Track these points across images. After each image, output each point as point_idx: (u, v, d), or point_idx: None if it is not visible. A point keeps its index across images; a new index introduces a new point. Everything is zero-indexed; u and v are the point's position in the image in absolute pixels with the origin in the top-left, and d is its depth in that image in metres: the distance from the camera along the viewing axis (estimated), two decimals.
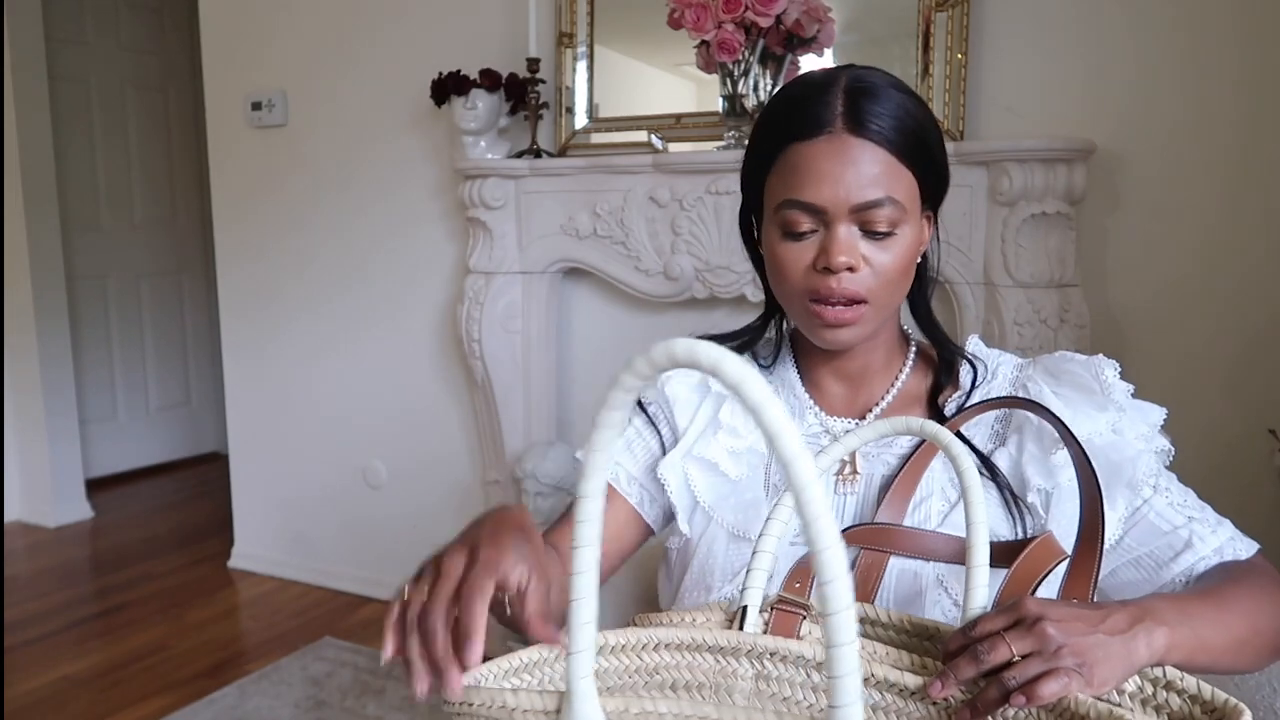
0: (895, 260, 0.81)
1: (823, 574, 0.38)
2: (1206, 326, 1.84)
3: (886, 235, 0.80)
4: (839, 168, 0.78)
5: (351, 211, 2.72)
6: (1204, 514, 0.83)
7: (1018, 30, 1.92)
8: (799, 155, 0.79)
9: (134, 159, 4.10)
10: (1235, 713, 0.57)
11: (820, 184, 0.78)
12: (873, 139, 0.78)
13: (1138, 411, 0.84)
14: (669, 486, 0.90)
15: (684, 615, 0.74)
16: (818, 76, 0.83)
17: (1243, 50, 1.77)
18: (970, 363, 0.90)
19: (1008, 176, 1.78)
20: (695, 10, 1.80)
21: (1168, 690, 0.61)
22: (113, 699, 2.26)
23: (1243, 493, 1.79)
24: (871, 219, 0.79)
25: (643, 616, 0.74)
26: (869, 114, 0.78)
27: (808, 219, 0.80)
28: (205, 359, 4.35)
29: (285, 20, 2.75)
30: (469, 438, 2.62)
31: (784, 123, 0.81)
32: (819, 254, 0.80)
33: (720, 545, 0.88)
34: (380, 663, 0.58)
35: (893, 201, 0.79)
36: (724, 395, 0.91)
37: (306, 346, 2.88)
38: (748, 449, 0.90)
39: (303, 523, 2.95)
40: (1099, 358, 0.85)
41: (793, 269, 0.81)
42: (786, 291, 0.84)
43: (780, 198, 0.81)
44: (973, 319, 1.88)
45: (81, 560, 3.26)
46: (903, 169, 0.80)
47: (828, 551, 0.38)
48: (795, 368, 0.94)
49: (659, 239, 2.16)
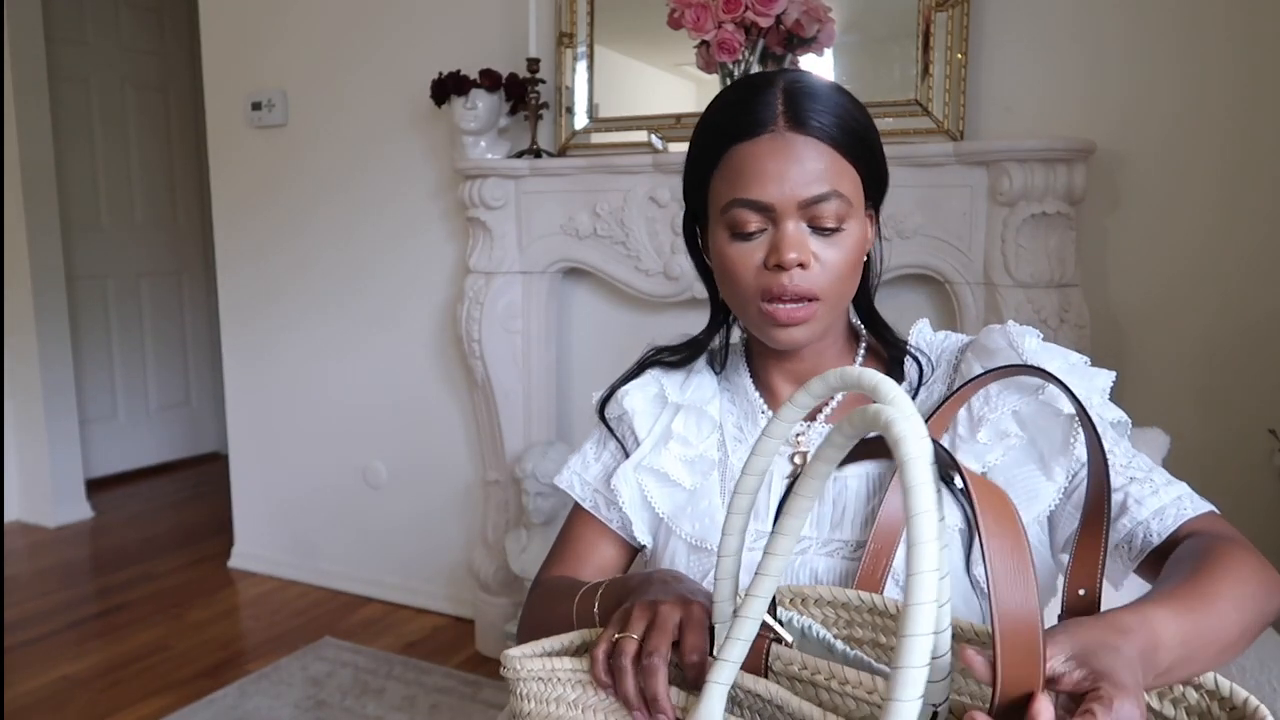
0: (844, 256, 0.81)
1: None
2: (1206, 326, 1.84)
3: (835, 231, 0.80)
4: (784, 164, 0.78)
5: (351, 212, 2.72)
6: (1150, 475, 0.79)
7: (1018, 30, 1.92)
8: (743, 155, 0.79)
9: (134, 159, 4.10)
10: (1254, 712, 0.56)
11: (766, 182, 0.78)
12: (815, 135, 0.78)
13: (1080, 378, 0.81)
14: (621, 498, 0.91)
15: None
16: (755, 79, 0.83)
17: (1242, 50, 1.77)
18: (915, 359, 0.89)
19: (1008, 176, 1.78)
20: (695, 10, 1.80)
21: (1185, 685, 0.61)
22: (112, 699, 2.26)
23: (1243, 493, 1.79)
24: (819, 214, 0.79)
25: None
26: (809, 111, 0.79)
27: (756, 218, 0.80)
28: (205, 359, 4.35)
29: (285, 20, 2.75)
30: (469, 438, 2.62)
31: (725, 125, 0.81)
32: (769, 252, 0.80)
33: (681, 557, 0.89)
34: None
35: (839, 196, 0.79)
36: (679, 406, 0.93)
37: (306, 346, 2.88)
38: (699, 456, 0.91)
39: (303, 523, 2.95)
40: (1010, 326, 0.84)
41: (743, 269, 0.81)
42: (738, 293, 0.84)
43: (726, 199, 0.81)
44: (973, 319, 1.88)
45: (81, 560, 3.26)
46: (846, 164, 0.80)
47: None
48: (748, 371, 0.94)
49: (659, 239, 2.17)
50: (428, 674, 2.34)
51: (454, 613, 2.69)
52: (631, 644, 0.63)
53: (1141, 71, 1.84)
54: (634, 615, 0.65)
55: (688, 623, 0.63)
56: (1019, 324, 0.86)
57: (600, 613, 0.75)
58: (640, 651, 0.62)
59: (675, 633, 0.63)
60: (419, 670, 2.36)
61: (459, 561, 2.67)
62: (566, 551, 0.96)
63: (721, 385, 0.95)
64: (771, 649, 0.62)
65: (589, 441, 1.00)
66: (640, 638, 0.63)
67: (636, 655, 0.62)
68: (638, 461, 0.92)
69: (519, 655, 0.67)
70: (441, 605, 2.72)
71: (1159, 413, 1.76)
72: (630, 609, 0.66)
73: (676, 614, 0.64)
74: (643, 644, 0.62)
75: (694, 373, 0.96)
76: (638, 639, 0.63)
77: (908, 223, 1.89)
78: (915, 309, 2.00)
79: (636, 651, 0.62)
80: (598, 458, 0.98)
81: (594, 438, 0.99)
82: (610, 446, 0.97)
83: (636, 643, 0.63)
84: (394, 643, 2.54)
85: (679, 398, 0.93)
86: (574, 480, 0.97)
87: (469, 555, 2.60)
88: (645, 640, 0.63)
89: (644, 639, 0.63)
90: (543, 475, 2.25)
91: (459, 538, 2.67)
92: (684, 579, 0.71)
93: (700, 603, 0.65)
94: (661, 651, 0.61)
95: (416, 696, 2.23)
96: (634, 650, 0.62)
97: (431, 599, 2.74)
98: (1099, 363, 0.85)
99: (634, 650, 0.62)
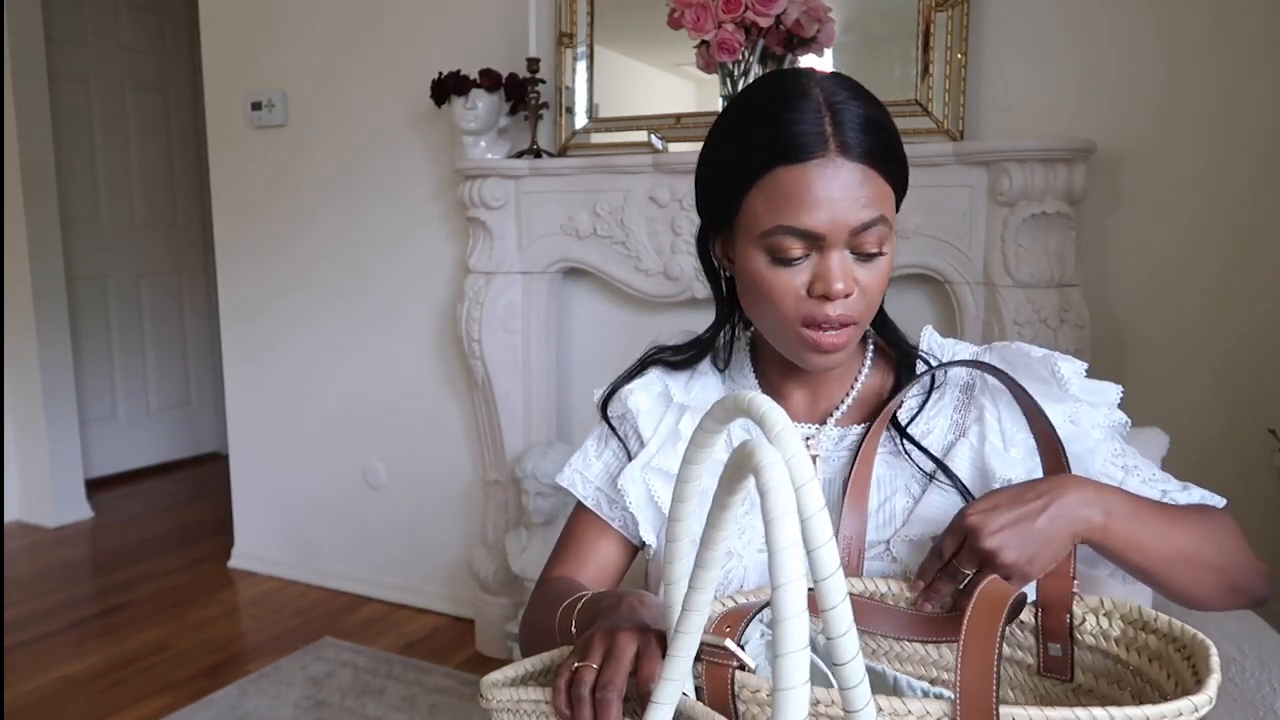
0: (881, 279, 0.81)
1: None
2: (1206, 326, 1.84)
3: (876, 255, 0.80)
4: (835, 192, 0.76)
5: (351, 212, 2.72)
6: (1171, 484, 0.85)
7: (1018, 30, 1.92)
8: (790, 180, 0.77)
9: (134, 159, 4.11)
10: (1202, 649, 0.62)
11: (817, 209, 0.76)
12: (863, 161, 0.77)
13: (1095, 395, 0.85)
14: (628, 497, 0.91)
15: None
16: (787, 85, 0.80)
17: (1243, 50, 1.77)
18: (927, 363, 0.90)
19: (1008, 176, 1.78)
20: (695, 10, 1.80)
21: (1145, 631, 0.68)
22: (112, 699, 2.26)
23: (1243, 493, 1.79)
24: (864, 241, 0.78)
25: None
26: (857, 133, 0.77)
27: (801, 245, 0.78)
28: (205, 359, 4.35)
29: (285, 20, 2.75)
30: (469, 438, 2.62)
31: (768, 143, 0.77)
32: (814, 280, 0.78)
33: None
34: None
35: (883, 220, 0.79)
36: (685, 406, 0.93)
37: (306, 346, 2.88)
38: (707, 458, 0.90)
39: (303, 523, 2.95)
40: (1054, 354, 0.85)
41: (783, 295, 0.79)
42: (775, 317, 0.81)
43: (770, 223, 0.78)
44: (973, 319, 1.88)
45: (81, 560, 3.26)
46: (885, 185, 0.79)
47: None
48: (754, 374, 0.94)
49: (659, 239, 2.17)
50: (428, 674, 2.34)
51: (454, 613, 2.69)
52: (590, 673, 0.63)
53: (1142, 71, 1.84)
54: (593, 645, 0.65)
55: (643, 652, 0.63)
56: (1019, 325, 0.87)
57: (576, 629, 0.75)
58: (597, 683, 0.63)
59: (631, 663, 0.63)
60: (419, 670, 2.36)
61: (459, 561, 2.67)
62: (568, 551, 0.96)
63: (726, 386, 0.95)
64: (736, 677, 0.61)
65: (590, 440, 0.99)
66: (599, 667, 0.64)
67: (594, 686, 0.63)
68: (645, 461, 0.92)
69: (491, 684, 0.69)
70: (441, 605, 2.72)
71: (1159, 413, 1.75)
72: (591, 638, 0.66)
73: (633, 644, 0.64)
74: (600, 675, 0.63)
75: (698, 373, 0.95)
76: (596, 668, 0.63)
77: (907, 223, 1.88)
78: (915, 309, 2.00)
79: (594, 682, 0.63)
80: (599, 456, 0.98)
81: (595, 436, 0.99)
82: (612, 445, 0.97)
83: (595, 672, 0.63)
84: (394, 643, 2.54)
85: (684, 398, 0.93)
86: (575, 479, 0.97)
87: (469, 555, 2.60)
88: (601, 672, 0.63)
89: (600, 670, 0.63)
90: (543, 475, 2.25)
91: (459, 538, 2.67)
92: (652, 604, 0.71)
93: (657, 631, 0.66)
94: (616, 684, 0.62)
95: (416, 696, 2.23)
96: (591, 680, 0.63)
97: (431, 599, 2.74)
98: (1099, 362, 0.86)
99: (591, 680, 0.63)
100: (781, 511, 0.44)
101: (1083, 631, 0.71)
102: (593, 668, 0.63)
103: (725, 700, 0.61)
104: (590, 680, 0.63)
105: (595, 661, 0.64)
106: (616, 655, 0.63)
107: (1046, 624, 0.72)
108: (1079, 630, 0.71)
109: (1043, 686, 0.73)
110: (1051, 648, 0.72)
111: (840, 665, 0.46)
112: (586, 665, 0.64)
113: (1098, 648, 0.70)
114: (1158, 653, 0.66)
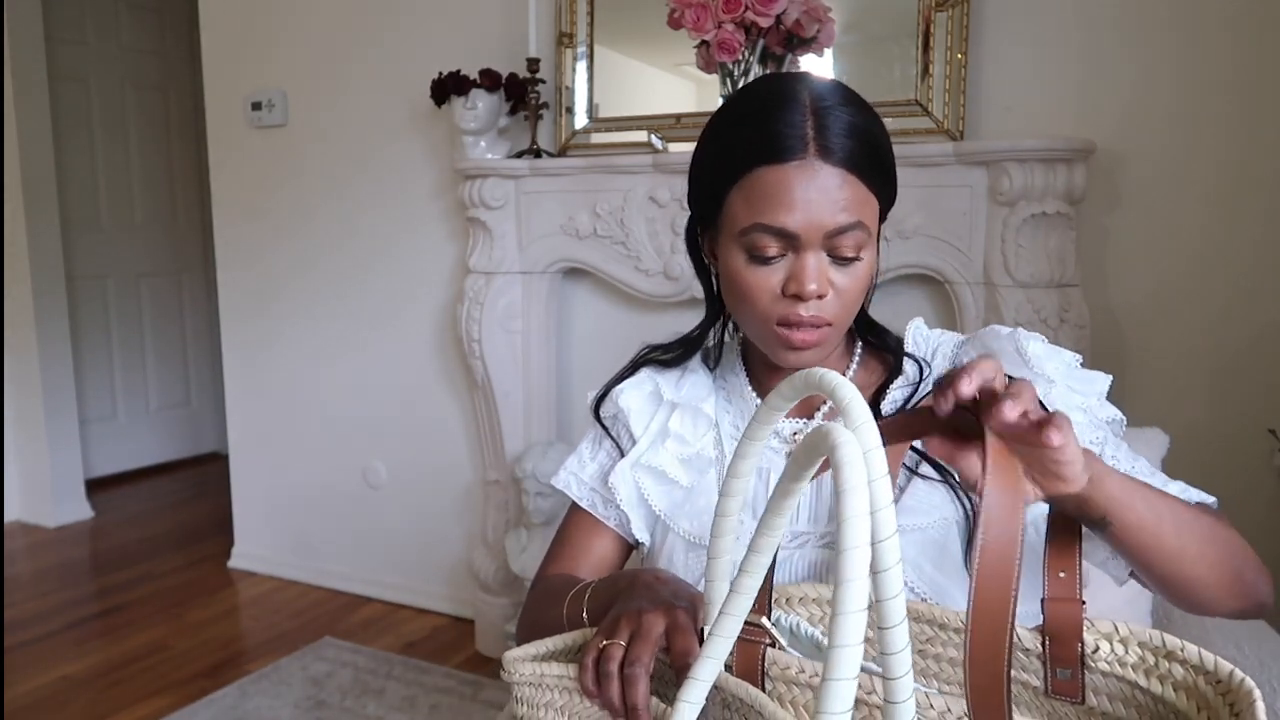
0: (858, 283, 0.82)
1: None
2: (1206, 326, 1.84)
3: (852, 260, 0.80)
4: (811, 194, 0.77)
5: (351, 212, 2.72)
6: (1154, 478, 0.81)
7: (1018, 30, 1.92)
8: (768, 179, 0.78)
9: (134, 159, 4.10)
10: (1247, 696, 0.55)
11: (793, 210, 0.77)
12: (843, 165, 0.78)
13: (1080, 382, 0.84)
14: (619, 495, 0.92)
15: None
16: (776, 88, 0.81)
17: (1243, 50, 1.77)
18: (916, 361, 0.90)
19: (1008, 176, 1.78)
20: (695, 10, 1.80)
21: (1169, 660, 0.62)
22: (112, 699, 2.26)
23: (1243, 493, 1.79)
24: (840, 244, 0.79)
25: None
26: (839, 138, 0.77)
27: (777, 244, 0.79)
28: (205, 359, 4.35)
29: (285, 20, 2.75)
30: (469, 438, 2.62)
31: (749, 143, 0.79)
32: (788, 279, 0.80)
33: (680, 554, 0.90)
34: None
35: (861, 226, 0.79)
36: (674, 404, 0.93)
37: (306, 346, 2.88)
38: (695, 455, 0.92)
39: (303, 523, 2.95)
40: (1019, 330, 0.85)
41: (759, 293, 0.81)
42: (751, 314, 0.83)
43: (747, 221, 0.79)
44: (973, 319, 1.88)
45: (81, 560, 3.26)
46: (867, 192, 0.80)
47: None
48: (744, 371, 0.95)
49: (659, 239, 2.17)
50: (428, 674, 2.34)
51: (454, 613, 2.69)
52: (618, 650, 0.64)
53: (1142, 71, 1.84)
54: (621, 623, 0.66)
55: (673, 629, 0.64)
56: (1020, 325, 0.86)
57: (589, 615, 0.76)
58: (625, 660, 0.64)
59: (661, 640, 0.64)
60: (419, 670, 2.36)
61: (459, 561, 2.67)
62: (564, 550, 0.97)
63: (716, 384, 0.96)
64: (767, 654, 0.62)
65: (584, 441, 1.00)
66: (626, 645, 0.64)
67: (622, 663, 0.63)
68: (635, 459, 0.93)
69: (515, 658, 0.68)
70: (441, 605, 2.72)
71: (1159, 412, 1.76)
72: (618, 617, 0.67)
73: (661, 622, 0.65)
74: (628, 652, 0.64)
75: (689, 371, 0.96)
76: (624, 645, 0.64)
77: (907, 223, 1.88)
78: (915, 309, 2.00)
79: (622, 659, 0.64)
80: (593, 457, 0.98)
81: (589, 437, 1.00)
82: (606, 446, 0.98)
83: (623, 649, 0.64)
84: (394, 643, 2.54)
85: (674, 396, 0.94)
86: (570, 480, 0.98)
87: (469, 555, 2.60)
88: (629, 649, 0.64)
89: (628, 647, 0.64)
90: (543, 475, 2.25)
91: (459, 538, 2.67)
92: (669, 580, 0.72)
93: (683, 608, 0.66)
94: (644, 661, 0.63)
95: (416, 696, 2.23)
96: (620, 657, 0.64)
97: (431, 599, 2.74)
98: (1099, 362, 0.85)
99: (620, 657, 0.64)
100: (853, 512, 0.43)
101: (1095, 659, 0.65)
102: (620, 645, 0.64)
103: (755, 676, 0.61)
104: (618, 656, 0.63)
105: (623, 639, 0.65)
106: (644, 633, 0.64)
107: (1055, 653, 0.66)
108: (1091, 658, 0.65)
109: (1050, 705, 0.68)
110: (1060, 673, 0.66)
111: (890, 655, 0.46)
112: (614, 643, 0.64)
113: (1112, 673, 0.65)
114: (1184, 682, 0.62)
